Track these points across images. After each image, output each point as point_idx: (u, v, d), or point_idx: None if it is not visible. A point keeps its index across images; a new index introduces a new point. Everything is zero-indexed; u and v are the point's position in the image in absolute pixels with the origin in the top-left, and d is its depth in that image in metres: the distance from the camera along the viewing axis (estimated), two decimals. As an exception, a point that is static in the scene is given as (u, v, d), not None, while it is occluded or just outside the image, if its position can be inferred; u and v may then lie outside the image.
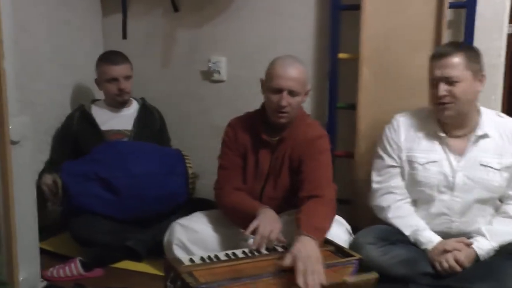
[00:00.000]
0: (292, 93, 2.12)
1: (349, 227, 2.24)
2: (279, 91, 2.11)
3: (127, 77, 2.81)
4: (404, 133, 2.22)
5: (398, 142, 2.22)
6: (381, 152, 2.26)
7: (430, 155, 2.16)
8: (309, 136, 2.20)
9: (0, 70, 1.86)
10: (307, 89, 2.21)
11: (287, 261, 1.77)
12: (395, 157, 2.22)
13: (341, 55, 2.68)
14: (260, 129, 2.22)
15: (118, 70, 2.78)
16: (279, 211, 2.17)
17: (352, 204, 2.68)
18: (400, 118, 2.26)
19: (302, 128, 2.22)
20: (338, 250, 1.98)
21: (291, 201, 2.19)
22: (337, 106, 2.74)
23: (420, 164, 2.16)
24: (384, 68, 2.54)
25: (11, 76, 1.93)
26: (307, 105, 2.79)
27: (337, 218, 2.18)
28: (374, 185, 2.25)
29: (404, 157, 2.20)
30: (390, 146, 2.23)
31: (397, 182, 2.21)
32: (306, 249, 1.79)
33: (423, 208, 2.18)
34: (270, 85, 2.14)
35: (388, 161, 2.23)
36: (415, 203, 2.22)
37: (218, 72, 3.00)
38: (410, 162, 2.19)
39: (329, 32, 2.69)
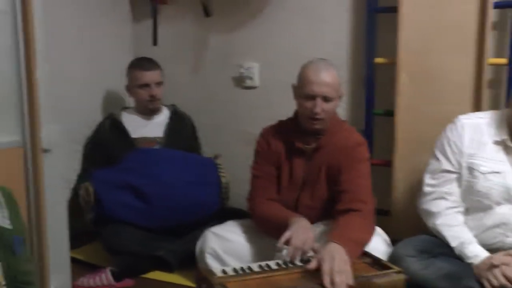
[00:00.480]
0: (326, 98, 2.11)
1: (387, 238, 2.21)
2: (313, 97, 2.11)
3: (158, 83, 2.86)
4: (468, 138, 2.11)
5: (460, 146, 2.12)
6: (438, 154, 2.17)
7: (494, 164, 2.06)
8: (348, 144, 2.19)
9: (32, 80, 1.92)
10: (341, 93, 2.20)
11: (312, 264, 1.80)
12: (454, 161, 2.13)
13: (378, 60, 2.66)
14: (294, 137, 2.23)
15: (150, 76, 2.83)
16: (317, 220, 2.17)
17: (390, 214, 2.65)
18: (465, 120, 2.15)
19: (340, 135, 2.21)
20: (375, 262, 1.96)
21: (329, 211, 2.18)
22: (373, 112, 2.73)
23: (482, 173, 2.07)
24: (423, 72, 2.52)
25: (43, 85, 1.99)
26: (343, 111, 2.78)
27: (375, 229, 2.16)
28: (426, 188, 2.18)
29: (464, 163, 2.10)
30: (451, 149, 2.13)
31: (452, 188, 2.13)
32: (332, 251, 1.81)
33: (476, 218, 2.10)
34: (303, 91, 2.14)
35: (445, 164, 2.14)
36: (467, 211, 2.13)
37: (251, 78, 3.02)
38: (471, 170, 2.09)
39: (365, 35, 2.68)
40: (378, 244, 2.10)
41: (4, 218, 1.31)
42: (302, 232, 1.97)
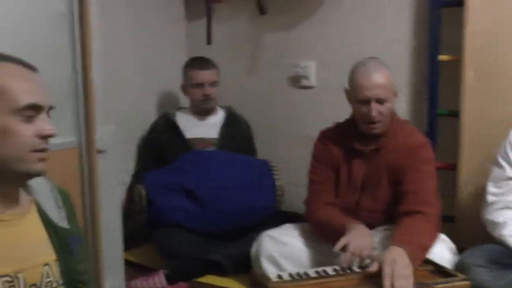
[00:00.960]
0: (380, 101, 2.10)
1: (453, 246, 2.17)
2: (366, 101, 2.10)
3: (213, 83, 2.90)
4: None
5: None
6: (501, 161, 2.13)
7: None
8: (411, 144, 2.16)
9: (88, 81, 1.99)
10: (395, 91, 2.18)
11: (373, 267, 1.78)
12: None
13: (442, 57, 2.61)
14: (353, 138, 2.22)
15: (204, 75, 2.87)
16: (378, 224, 2.16)
17: (455, 221, 2.59)
18: None
19: (402, 135, 2.19)
20: (437, 270, 1.92)
21: (391, 215, 2.15)
22: (437, 112, 2.68)
23: None
24: (491, 70, 2.45)
25: (98, 85, 2.06)
26: (404, 111, 2.74)
27: (440, 235, 2.12)
28: (490, 197, 2.14)
29: None
30: None
31: None
32: (393, 254, 1.79)
33: None
34: (355, 96, 2.13)
35: (510, 172, 2.12)
36: None
37: (307, 77, 3.02)
38: None
39: (428, 31, 2.64)
40: (443, 252, 2.06)
41: (62, 219, 1.36)
42: (359, 238, 1.97)
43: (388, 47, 2.75)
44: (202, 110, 2.94)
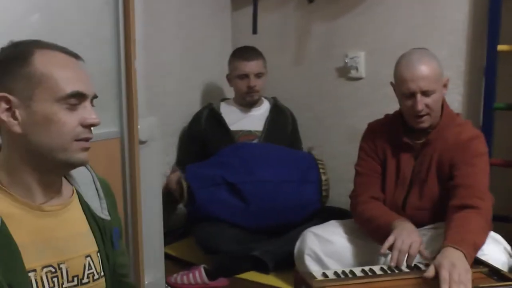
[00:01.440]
0: (426, 93, 2.07)
1: (508, 247, 2.12)
2: (412, 94, 2.08)
3: (259, 75, 2.91)
4: None
5: None
6: None
7: None
8: (462, 138, 2.13)
9: (131, 70, 2.03)
10: (444, 81, 2.14)
11: (430, 272, 1.74)
12: None
13: (501, 47, 2.55)
14: (401, 132, 2.20)
15: (250, 66, 2.89)
16: (426, 223, 2.13)
17: (511, 221, 2.53)
18: None
19: (453, 129, 2.16)
20: (493, 272, 1.88)
21: (440, 212, 2.12)
22: (494, 106, 2.62)
23: None
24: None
25: (141, 76, 2.09)
26: (458, 105, 2.69)
27: (493, 235, 2.07)
28: None
29: None
30: None
31: None
32: (452, 258, 1.75)
33: None
34: (400, 89, 2.12)
35: None
36: None
37: (356, 68, 3.00)
38: None
39: (487, 19, 2.58)
40: (498, 253, 2.01)
41: (103, 209, 1.39)
42: (407, 235, 1.94)
43: (442, 36, 2.70)
44: (246, 102, 2.95)
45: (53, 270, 1.22)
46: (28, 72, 1.19)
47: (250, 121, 2.95)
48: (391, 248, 1.93)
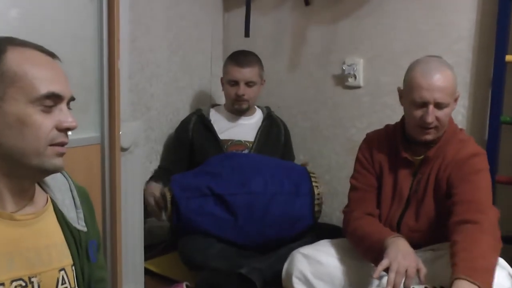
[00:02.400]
0: (439, 105, 2.06)
1: (513, 272, 2.11)
2: (424, 104, 2.07)
3: (250, 83, 2.91)
4: None
5: None
6: None
7: None
8: (462, 155, 2.13)
9: (115, 71, 2.02)
10: (456, 96, 2.15)
11: None
12: None
13: (509, 57, 2.55)
14: (400, 145, 2.20)
15: (242, 73, 2.89)
16: (421, 245, 2.13)
17: (516, 243, 2.54)
18: None
19: (454, 146, 2.16)
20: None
21: (436, 234, 2.13)
22: (501, 120, 2.62)
23: None
24: None
25: (125, 77, 2.09)
26: (462, 117, 2.70)
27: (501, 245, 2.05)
28: None
29: None
30: None
31: None
32: None
33: None
34: (411, 97, 2.10)
35: None
36: None
37: (354, 76, 3.00)
38: None
39: (495, 27, 2.58)
40: (502, 279, 1.97)
41: (80, 220, 1.38)
42: (403, 255, 1.92)
43: (448, 44, 2.71)
44: (235, 110, 2.96)
45: (24, 284, 1.21)
46: (0, 71, 1.19)
47: (241, 130, 2.96)
48: (386, 270, 1.91)
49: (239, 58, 2.92)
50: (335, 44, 3.07)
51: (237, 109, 2.95)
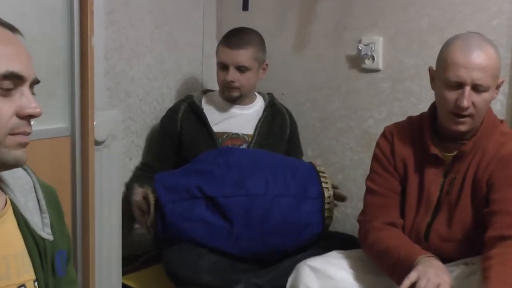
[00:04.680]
0: (477, 88, 2.05)
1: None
2: (460, 85, 2.06)
3: (242, 68, 2.89)
4: None
5: None
6: None
7: None
8: (505, 151, 2.12)
9: (88, 49, 2.01)
10: (500, 82, 2.13)
11: None
12: None
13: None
14: (428, 140, 2.19)
15: (231, 56, 2.87)
16: (454, 258, 2.12)
17: None
18: None
19: (494, 140, 2.15)
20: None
21: (472, 245, 2.12)
22: (546, 110, 2.63)
23: None
24: None
25: (100, 58, 2.08)
26: (500, 106, 2.68)
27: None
28: None
29: None
30: None
31: None
32: None
33: None
34: (445, 77, 2.09)
35: None
36: None
37: (372, 57, 2.99)
38: None
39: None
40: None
41: (45, 226, 1.37)
42: (433, 273, 1.92)
43: (485, 20, 2.69)
44: (226, 97, 2.96)
45: (-25, 302, 1.21)
46: None
47: (239, 121, 2.96)
48: (413, 286, 1.91)
49: (231, 37, 2.91)
50: (349, 19, 3.06)
51: (227, 96, 2.95)
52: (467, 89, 2.05)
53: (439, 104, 2.17)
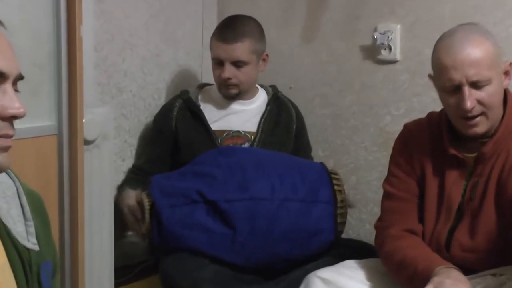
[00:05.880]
0: (476, 84, 2.04)
1: None
2: (457, 88, 2.06)
3: (239, 63, 2.88)
4: None
5: None
6: None
7: None
8: None
9: (76, 41, 2.00)
10: (505, 67, 2.12)
11: None
12: None
13: None
14: (446, 139, 2.19)
15: (226, 50, 2.86)
16: (478, 269, 2.11)
17: None
18: None
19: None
20: None
21: (500, 256, 2.11)
22: None
23: None
24: None
25: (89, 49, 2.08)
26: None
27: None
28: None
29: None
30: None
31: None
32: None
33: None
34: (440, 83, 2.11)
35: None
36: None
37: (388, 48, 2.99)
38: None
39: None
40: None
41: (30, 236, 1.37)
42: (450, 284, 1.92)
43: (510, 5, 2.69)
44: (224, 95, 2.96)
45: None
46: None
47: (240, 118, 2.96)
48: None
49: (225, 29, 2.89)
50: (363, 6, 3.06)
51: (224, 94, 2.94)
52: (465, 89, 2.04)
53: (447, 111, 2.18)
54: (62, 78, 2.01)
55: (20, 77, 1.27)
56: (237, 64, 2.87)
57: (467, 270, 2.04)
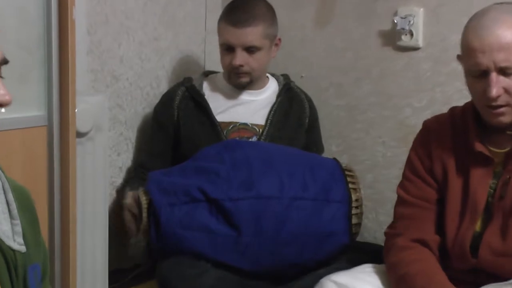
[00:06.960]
0: (505, 71, 2.03)
1: None
2: (484, 73, 2.05)
3: (252, 48, 2.88)
4: None
5: None
6: None
7: None
8: None
9: (68, 23, 2.00)
10: None
11: None
12: None
13: None
14: (473, 134, 2.18)
15: (238, 35, 2.86)
16: (511, 276, 2.10)
17: None
18: None
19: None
20: None
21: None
22: None
23: None
24: None
25: (83, 33, 2.08)
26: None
27: None
28: None
29: None
30: None
31: None
32: None
33: None
34: (467, 66, 2.11)
35: None
36: None
37: (410, 33, 2.99)
38: None
39: None
40: None
41: (16, 235, 1.37)
42: None
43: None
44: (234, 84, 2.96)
45: None
46: None
47: (248, 109, 2.96)
48: None
49: (234, 13, 2.89)
50: (382, -12, 3.06)
51: (234, 83, 2.94)
52: (493, 75, 2.03)
53: (472, 98, 2.18)
54: (53, 64, 2.01)
55: (4, 61, 1.27)
56: (250, 49, 2.87)
57: (496, 277, 2.04)
